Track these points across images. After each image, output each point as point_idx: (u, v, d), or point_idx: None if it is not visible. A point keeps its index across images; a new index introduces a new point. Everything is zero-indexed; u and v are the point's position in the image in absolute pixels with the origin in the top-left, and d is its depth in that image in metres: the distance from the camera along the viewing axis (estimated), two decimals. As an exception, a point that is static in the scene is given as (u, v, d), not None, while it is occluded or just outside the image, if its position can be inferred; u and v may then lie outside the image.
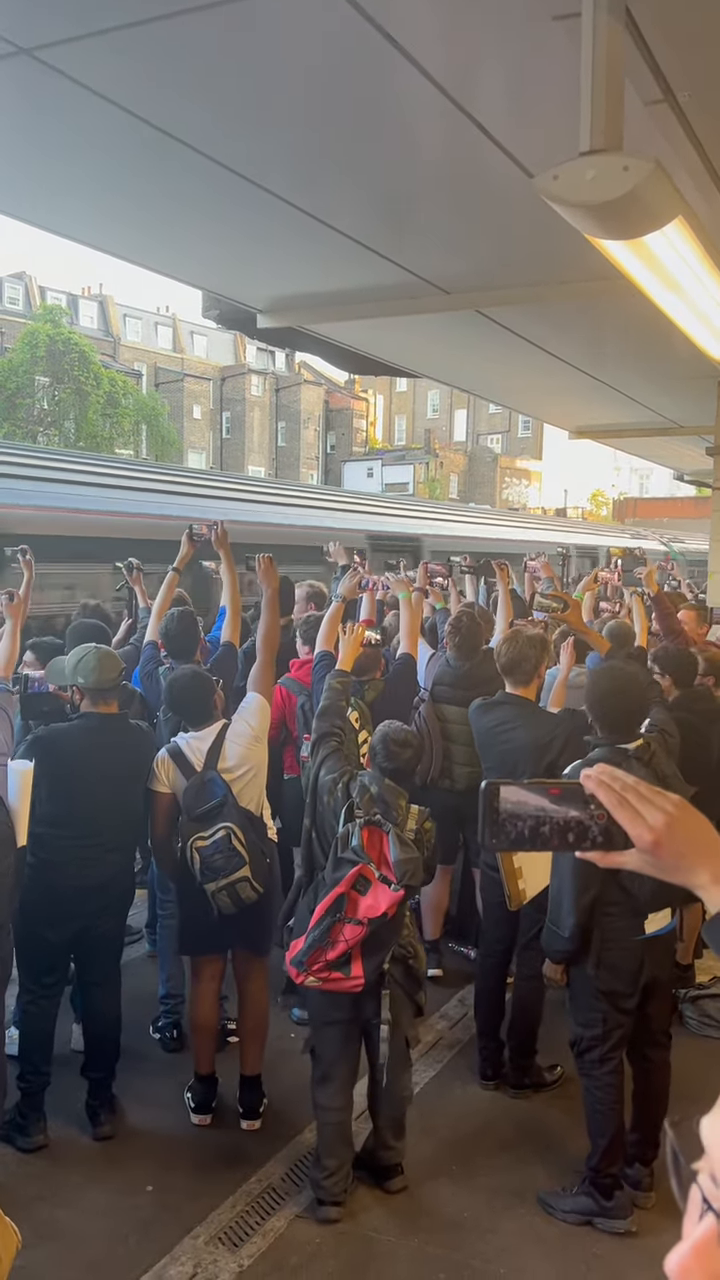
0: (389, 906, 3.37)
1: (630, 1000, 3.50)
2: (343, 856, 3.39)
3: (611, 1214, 3.45)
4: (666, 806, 1.15)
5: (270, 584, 4.52)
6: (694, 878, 1.14)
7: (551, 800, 1.21)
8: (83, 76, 3.45)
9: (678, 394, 9.31)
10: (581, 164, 2.13)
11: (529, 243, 4.93)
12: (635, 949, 3.46)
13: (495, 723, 4.39)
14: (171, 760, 4.01)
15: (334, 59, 3.31)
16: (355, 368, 9.12)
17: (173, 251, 5.72)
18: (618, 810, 1.15)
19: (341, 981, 3.41)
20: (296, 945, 3.44)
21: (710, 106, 3.31)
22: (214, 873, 3.82)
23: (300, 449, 58.96)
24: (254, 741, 4.10)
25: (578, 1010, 3.60)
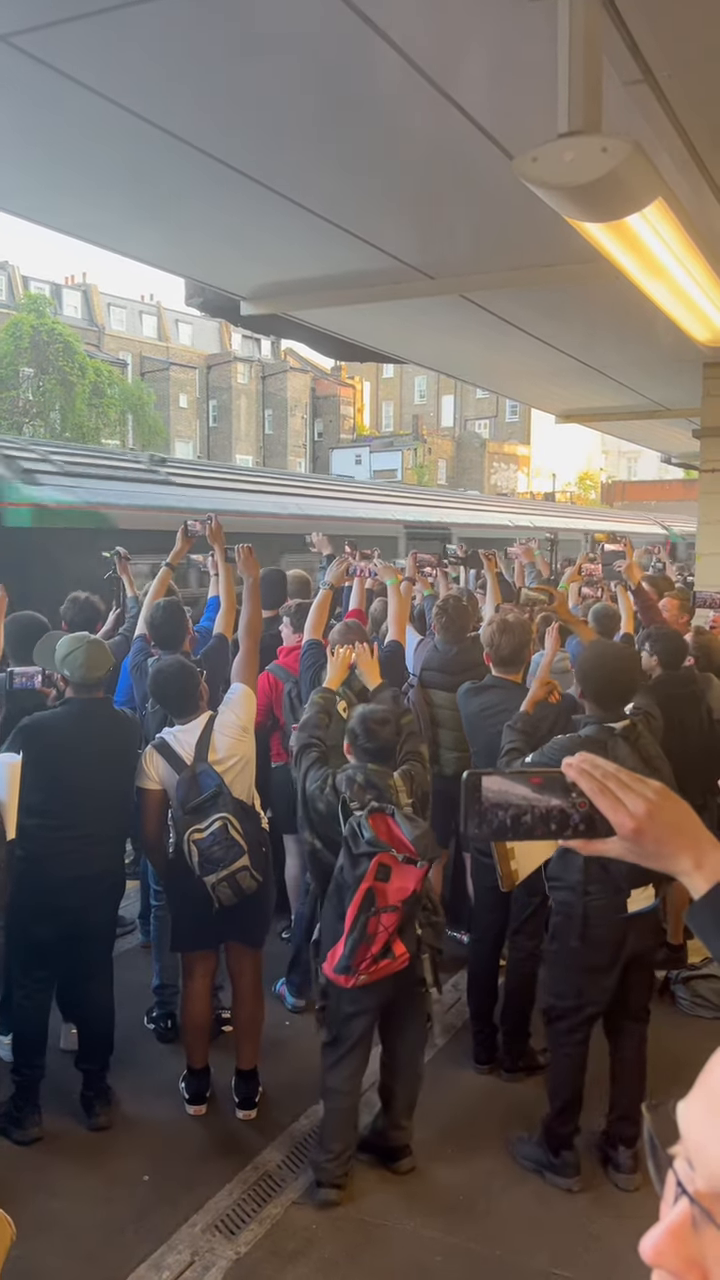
0: (416, 884, 3.41)
1: (609, 976, 3.57)
2: (359, 852, 3.35)
3: (558, 1170, 3.61)
4: (647, 794, 1.15)
5: (251, 574, 4.52)
6: (676, 864, 1.15)
7: (533, 789, 1.21)
8: (60, 63, 3.41)
9: (664, 377, 9.30)
10: (560, 145, 2.12)
11: (512, 226, 4.91)
12: (618, 926, 3.52)
13: (483, 706, 4.41)
14: (159, 755, 3.98)
15: (313, 42, 3.29)
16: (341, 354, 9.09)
17: (154, 239, 5.68)
18: (599, 798, 1.15)
19: (390, 965, 3.43)
20: (334, 954, 3.38)
21: (690, 86, 3.29)
22: (213, 864, 3.80)
23: (288, 437, 58.80)
24: (242, 732, 4.09)
25: (554, 980, 3.71)
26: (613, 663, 3.68)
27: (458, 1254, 3.27)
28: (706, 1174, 0.62)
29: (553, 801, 1.20)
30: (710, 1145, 0.62)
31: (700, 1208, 0.61)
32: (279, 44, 3.31)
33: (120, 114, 3.76)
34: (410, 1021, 3.66)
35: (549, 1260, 3.22)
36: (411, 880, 3.39)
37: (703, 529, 9.18)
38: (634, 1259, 2.43)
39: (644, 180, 2.19)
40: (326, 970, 3.43)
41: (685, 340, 4.61)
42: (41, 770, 3.77)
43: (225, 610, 5.02)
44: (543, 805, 1.20)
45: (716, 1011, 4.79)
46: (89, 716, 3.94)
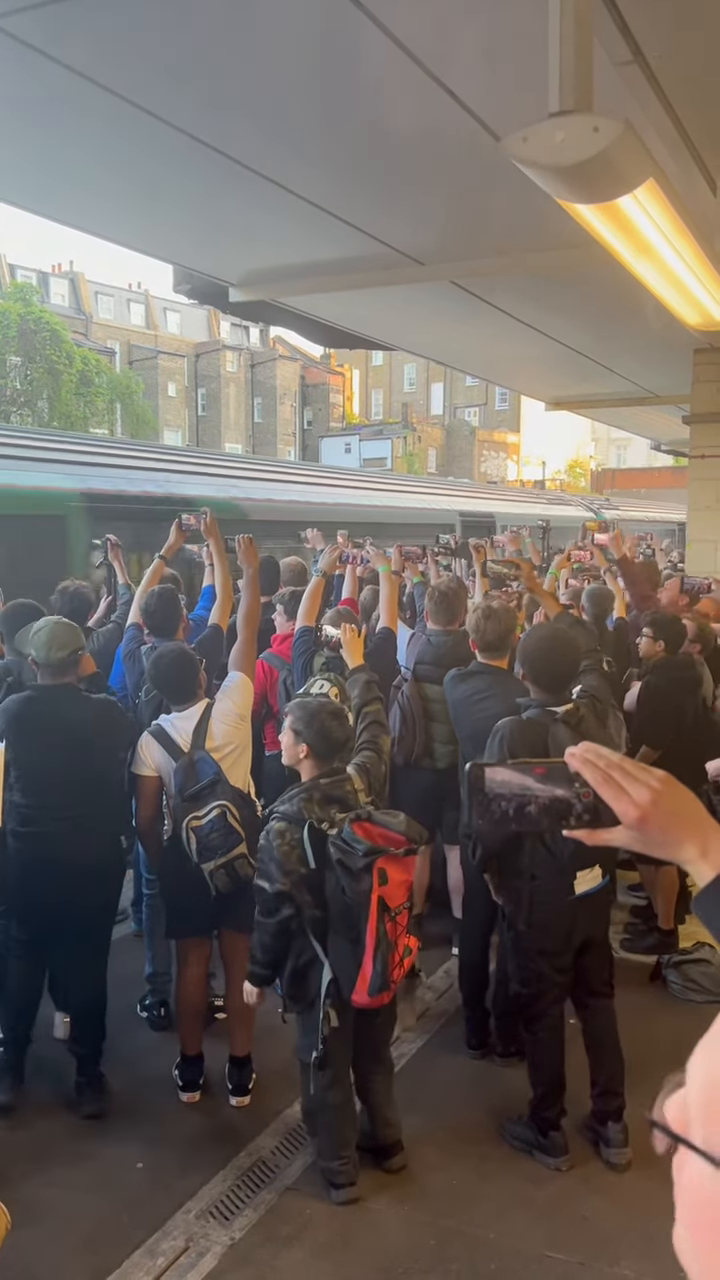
0: (413, 871, 3.39)
1: (564, 958, 3.63)
2: (359, 866, 3.23)
3: (547, 1150, 3.64)
4: (652, 782, 1.15)
5: (251, 564, 4.53)
6: (681, 852, 1.15)
7: (537, 780, 1.21)
8: (46, 46, 3.38)
9: (654, 363, 9.30)
10: (551, 125, 2.10)
11: (502, 212, 4.89)
12: (567, 908, 3.57)
13: (470, 692, 4.42)
14: (155, 742, 3.97)
15: (300, 27, 3.26)
16: (330, 341, 9.06)
17: (141, 224, 5.64)
18: (603, 787, 1.15)
19: (409, 960, 3.41)
20: (364, 978, 3.26)
21: (681, 67, 3.28)
22: (211, 851, 3.80)
23: (277, 425, 58.64)
24: (239, 720, 4.08)
25: (516, 968, 3.75)
26: (553, 646, 3.70)
27: (452, 1237, 3.28)
28: (689, 1095, 0.64)
29: (557, 792, 1.20)
30: (694, 1068, 0.65)
31: (667, 1131, 0.64)
32: (267, 28, 3.28)
33: (106, 97, 3.73)
34: (386, 1020, 3.63)
35: (542, 1242, 3.24)
36: (410, 871, 3.37)
37: (692, 515, 9.19)
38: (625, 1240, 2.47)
39: (635, 161, 2.17)
40: (359, 999, 3.29)
41: (675, 326, 4.60)
42: (13, 751, 3.80)
43: (221, 602, 5.02)
44: (546, 796, 1.20)
45: (708, 995, 4.81)
46: (51, 700, 3.90)
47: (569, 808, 1.19)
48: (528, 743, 3.52)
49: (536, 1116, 3.69)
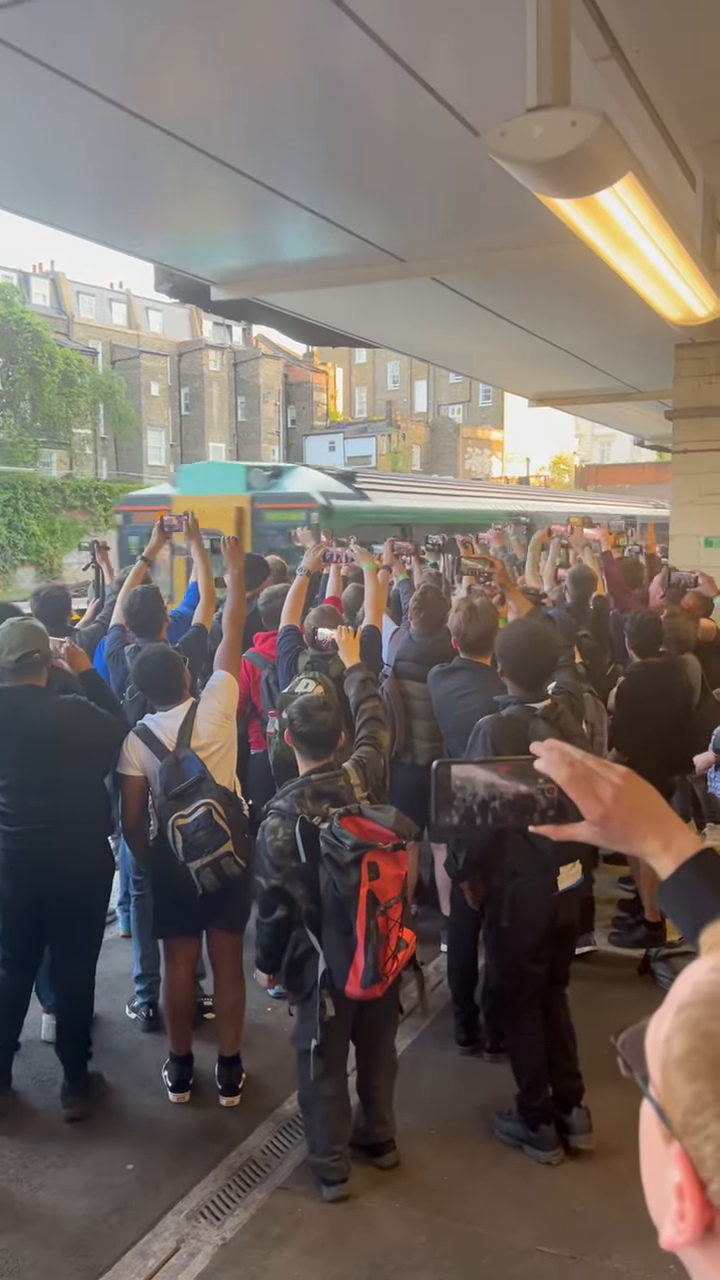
0: (406, 866, 3.40)
1: (543, 952, 3.69)
2: (347, 861, 3.24)
3: (537, 1144, 3.66)
4: (613, 778, 1.17)
5: (236, 564, 4.53)
6: (644, 846, 1.17)
7: (501, 776, 1.23)
8: (23, 44, 3.36)
9: (636, 359, 9.33)
10: (529, 120, 2.10)
11: (482, 208, 4.90)
12: (548, 905, 3.61)
13: (452, 688, 4.43)
14: (141, 741, 3.96)
15: (279, 24, 3.25)
16: (313, 339, 9.05)
17: (121, 223, 5.62)
18: (567, 784, 1.17)
19: (406, 955, 3.41)
20: (356, 972, 3.27)
21: (659, 63, 3.28)
22: (198, 850, 3.79)
23: (261, 424, 58.52)
24: (224, 718, 4.08)
25: (498, 963, 3.81)
26: (531, 643, 3.74)
27: (443, 1233, 3.28)
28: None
29: (521, 788, 1.22)
30: (650, 1029, 0.69)
31: (644, 1090, 0.68)
32: (246, 26, 3.27)
33: (84, 95, 3.71)
34: (385, 1014, 3.64)
35: (533, 1237, 3.25)
36: (402, 865, 3.37)
37: (676, 510, 9.22)
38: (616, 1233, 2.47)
39: (614, 155, 2.17)
40: (352, 991, 3.30)
41: (657, 321, 4.61)
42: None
43: (205, 603, 5.02)
44: (511, 792, 1.22)
45: (696, 988, 4.83)
46: (13, 703, 3.88)
47: (534, 804, 1.21)
48: (510, 739, 3.54)
49: (524, 1109, 3.71)
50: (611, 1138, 3.70)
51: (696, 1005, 0.64)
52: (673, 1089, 0.63)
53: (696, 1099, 0.61)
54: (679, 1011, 0.65)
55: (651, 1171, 0.67)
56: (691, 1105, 0.61)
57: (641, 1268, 3.04)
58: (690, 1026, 0.63)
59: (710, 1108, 0.60)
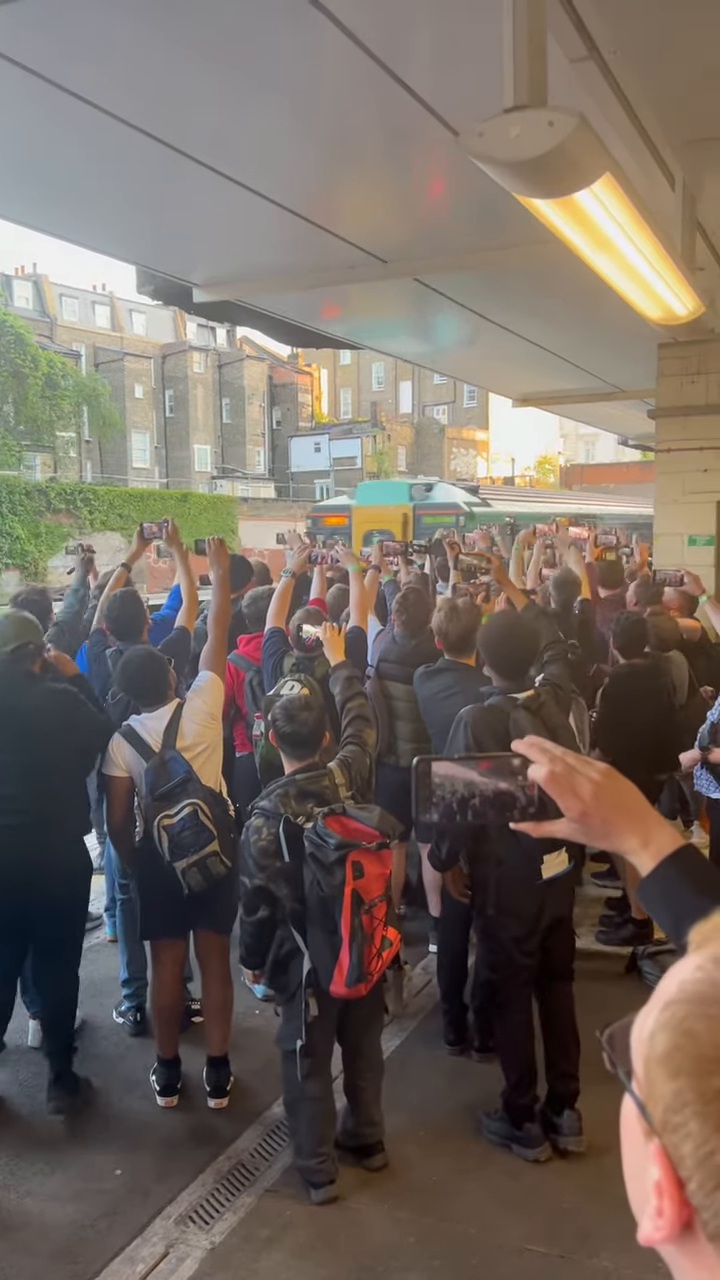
0: (391, 865, 3.41)
1: (531, 941, 3.68)
2: (331, 860, 3.24)
3: (523, 1142, 3.66)
4: (593, 775, 1.18)
5: (221, 565, 4.53)
6: (623, 843, 1.18)
7: (482, 774, 1.23)
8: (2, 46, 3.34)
9: (619, 359, 9.36)
10: (506, 120, 2.10)
11: (463, 208, 4.90)
12: (534, 893, 3.61)
13: (437, 689, 4.44)
14: (126, 742, 3.97)
15: (258, 25, 3.25)
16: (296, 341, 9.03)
17: (103, 226, 5.60)
18: (546, 781, 1.17)
19: (390, 953, 3.41)
20: (340, 971, 3.27)
21: (637, 64, 3.30)
22: (183, 850, 3.80)
23: (246, 425, 58.48)
24: (209, 719, 4.10)
25: (486, 953, 3.84)
26: (510, 633, 3.78)
27: (432, 1234, 3.29)
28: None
29: (501, 785, 1.22)
30: (636, 1025, 0.69)
31: (627, 1086, 0.68)
32: (223, 27, 3.26)
33: (63, 97, 3.70)
34: (371, 1014, 3.64)
35: (522, 1236, 3.25)
36: (387, 864, 3.38)
37: (659, 509, 9.24)
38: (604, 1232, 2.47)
39: (591, 155, 2.18)
40: (337, 990, 3.29)
41: (639, 321, 4.63)
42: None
43: (187, 606, 5.03)
44: (491, 789, 1.22)
45: (683, 985, 4.84)
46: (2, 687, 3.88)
47: (514, 801, 1.21)
48: (490, 729, 3.57)
49: (511, 1105, 3.72)
50: (600, 1136, 3.71)
51: (681, 1003, 0.64)
52: (654, 1085, 0.63)
53: (677, 1096, 0.61)
54: (664, 1009, 0.65)
55: (633, 1166, 0.68)
56: (672, 1103, 0.61)
57: (630, 1266, 3.05)
58: (674, 1024, 0.63)
59: (690, 1106, 0.60)
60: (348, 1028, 3.59)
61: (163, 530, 5.16)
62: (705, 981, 0.64)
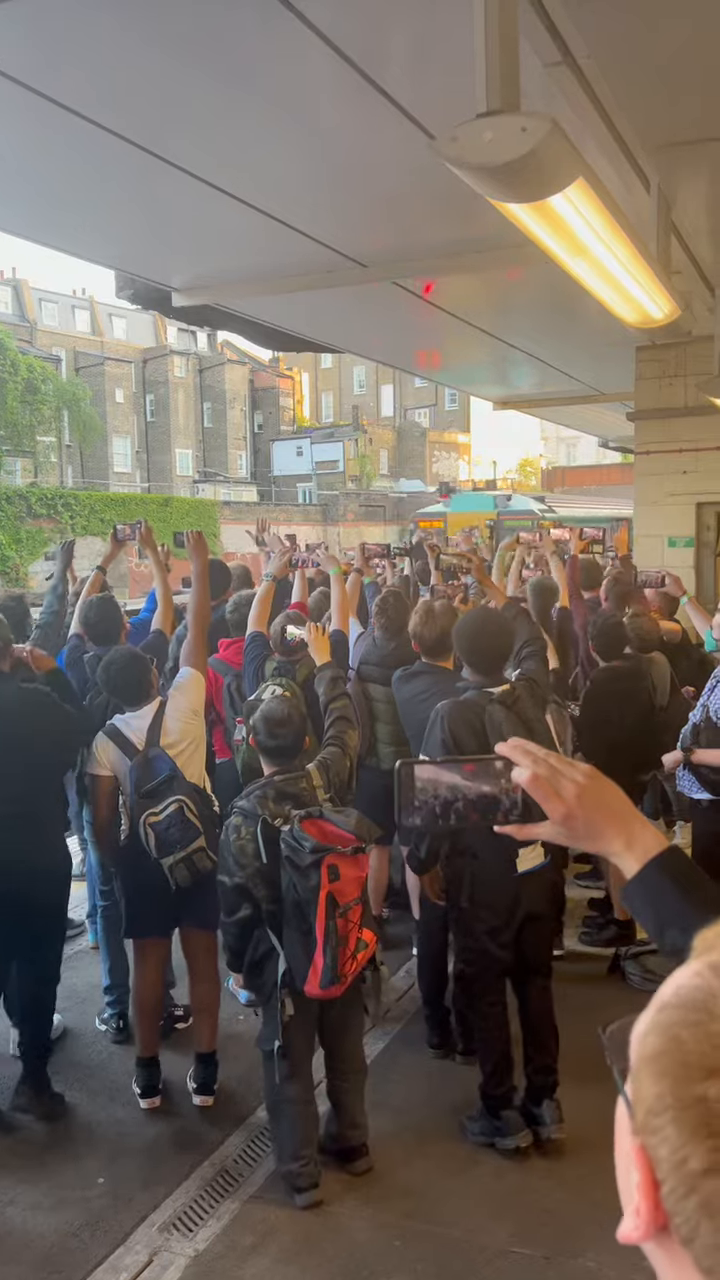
0: (367, 868, 3.43)
1: (505, 934, 3.69)
2: (306, 863, 3.25)
3: (503, 1132, 3.68)
4: (577, 777, 1.17)
5: (200, 559, 4.55)
6: (608, 845, 1.17)
7: (465, 776, 1.22)
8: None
9: (598, 361, 9.40)
10: (480, 125, 2.11)
11: (441, 212, 4.91)
12: (509, 885, 3.63)
13: (415, 692, 4.45)
14: (110, 741, 4.00)
15: (234, 30, 3.25)
16: (277, 345, 9.04)
17: (81, 230, 5.58)
18: (529, 783, 1.16)
19: (365, 955, 3.43)
20: (315, 972, 3.28)
21: (611, 69, 3.31)
22: (170, 846, 3.83)
23: (227, 429, 58.42)
24: (192, 715, 4.14)
25: (460, 946, 3.85)
26: (483, 628, 3.79)
27: (417, 1236, 3.28)
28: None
29: (484, 788, 1.21)
30: (636, 1024, 0.69)
31: (622, 1091, 0.68)
32: (198, 32, 3.26)
33: (39, 102, 3.69)
34: (350, 1015, 3.64)
35: (507, 1237, 3.25)
36: (363, 867, 3.40)
37: (639, 511, 9.30)
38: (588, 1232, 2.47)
39: (565, 159, 2.19)
40: (311, 990, 3.31)
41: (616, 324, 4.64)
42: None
43: (163, 609, 5.04)
44: (474, 792, 1.22)
45: (665, 985, 4.86)
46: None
47: (497, 803, 1.21)
48: (465, 722, 3.59)
49: (487, 1097, 3.73)
50: (583, 1135, 3.72)
51: (674, 1008, 0.65)
52: (640, 1086, 0.64)
53: (658, 1100, 0.61)
54: (659, 1011, 0.66)
55: (622, 1163, 0.68)
56: (653, 1106, 0.62)
57: (614, 1265, 3.05)
58: (663, 1028, 0.64)
59: (670, 1110, 0.60)
60: (327, 1029, 3.60)
61: (135, 532, 5.17)
62: (700, 989, 0.64)
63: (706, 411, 7.53)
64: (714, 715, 4.63)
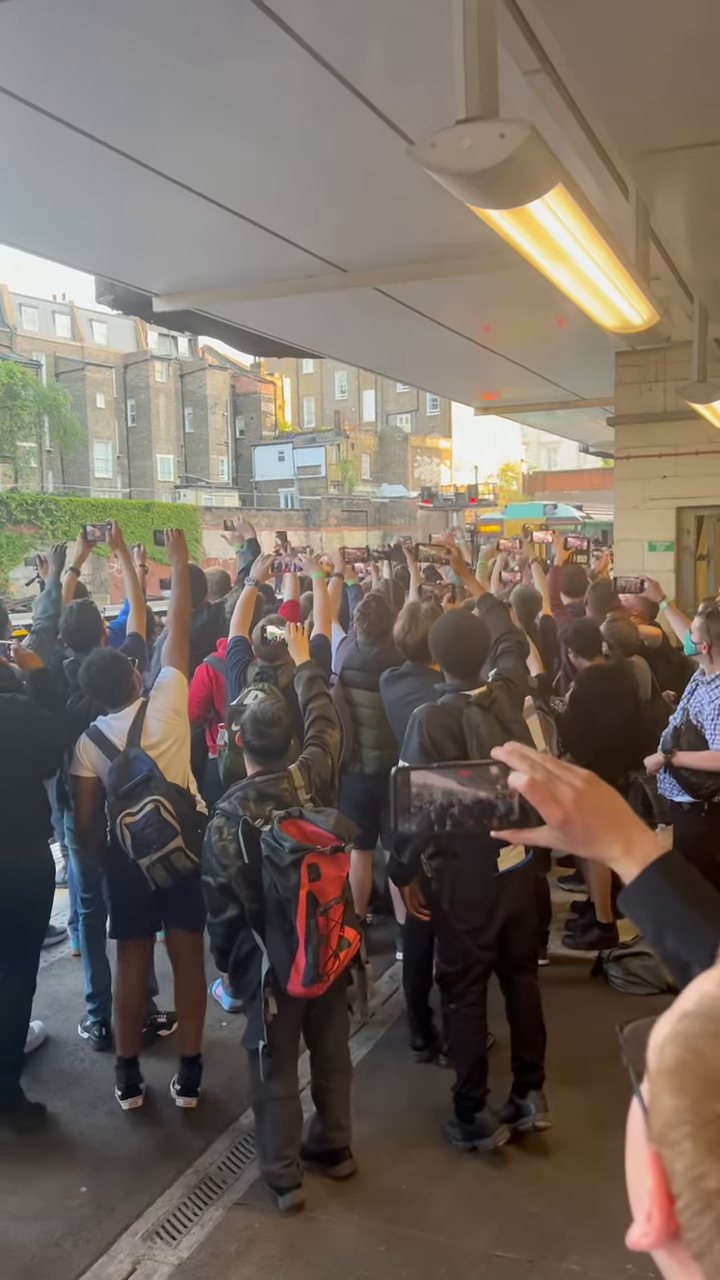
0: (348, 867, 3.43)
1: (488, 934, 3.69)
2: (286, 863, 3.26)
3: (479, 1133, 3.68)
4: (575, 782, 1.16)
5: (180, 559, 4.56)
6: (606, 850, 1.16)
7: (461, 782, 1.21)
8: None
9: (578, 366, 9.44)
10: (458, 131, 2.12)
11: (421, 218, 4.92)
12: (491, 885, 3.64)
13: (403, 693, 4.46)
14: (92, 743, 4.02)
15: (212, 34, 3.25)
16: (258, 350, 9.03)
17: (60, 235, 5.57)
18: (527, 788, 1.15)
19: (348, 954, 3.42)
20: (297, 970, 3.29)
21: (589, 76, 3.33)
22: (146, 846, 3.83)
23: (209, 435, 58.34)
24: (174, 715, 4.15)
25: (442, 945, 3.84)
26: (458, 633, 3.80)
27: (401, 1241, 3.28)
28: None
29: (481, 793, 1.20)
30: (656, 1027, 0.68)
31: (639, 1094, 0.67)
32: (179, 36, 3.26)
33: (15, 105, 3.68)
34: (334, 1014, 3.65)
35: (490, 1241, 3.25)
36: (343, 866, 3.41)
37: (619, 515, 9.34)
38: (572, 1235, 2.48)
39: (543, 166, 2.20)
40: (294, 989, 3.31)
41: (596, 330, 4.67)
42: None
43: (135, 610, 5.04)
44: (470, 797, 1.21)
45: (649, 988, 4.88)
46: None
47: (494, 808, 1.20)
48: (443, 726, 3.60)
49: (462, 1099, 3.73)
50: (566, 1137, 3.73)
51: (695, 1018, 0.63)
52: (658, 1097, 0.63)
53: (676, 1114, 0.61)
54: (679, 1020, 0.65)
55: (634, 1165, 0.67)
56: (671, 1119, 0.61)
57: (598, 1268, 3.06)
58: (684, 1040, 0.63)
59: (688, 1125, 0.60)
60: (311, 1029, 3.60)
61: (105, 533, 5.16)
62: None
63: (686, 416, 7.57)
64: (694, 718, 4.66)
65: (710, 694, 4.62)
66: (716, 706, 4.56)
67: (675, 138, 4.04)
